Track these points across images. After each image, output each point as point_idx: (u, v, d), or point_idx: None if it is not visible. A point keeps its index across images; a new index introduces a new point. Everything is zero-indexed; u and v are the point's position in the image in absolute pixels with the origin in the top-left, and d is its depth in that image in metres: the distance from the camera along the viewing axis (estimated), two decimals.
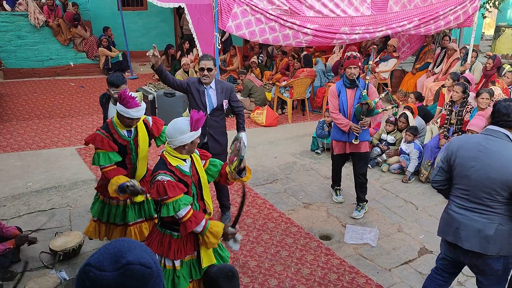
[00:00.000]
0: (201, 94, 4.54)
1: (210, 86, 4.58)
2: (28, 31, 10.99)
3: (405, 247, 4.74)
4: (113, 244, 1.22)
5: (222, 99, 4.62)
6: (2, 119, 8.19)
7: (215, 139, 4.68)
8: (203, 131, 4.57)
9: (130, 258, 1.16)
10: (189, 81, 4.59)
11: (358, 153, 5.17)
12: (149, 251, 1.25)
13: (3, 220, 4.74)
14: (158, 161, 2.99)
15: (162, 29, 12.95)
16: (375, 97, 4.92)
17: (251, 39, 7.37)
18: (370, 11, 7.48)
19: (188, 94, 4.60)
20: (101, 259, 1.17)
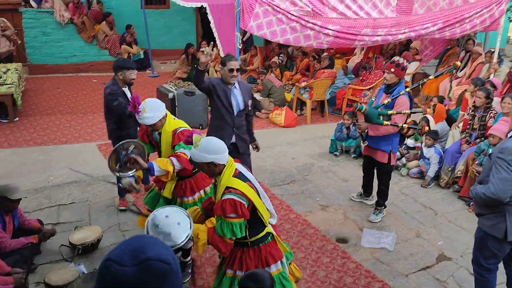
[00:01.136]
0: (228, 95, 4.52)
1: (234, 87, 4.57)
2: (53, 28, 11.20)
3: (423, 253, 4.68)
4: (133, 240, 1.24)
5: (247, 99, 4.64)
6: (27, 113, 8.37)
7: (242, 138, 4.72)
8: (230, 132, 4.62)
9: (150, 254, 1.18)
10: (214, 81, 4.52)
11: (377, 162, 5.12)
12: (169, 247, 1.26)
13: (25, 212, 4.84)
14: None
15: (184, 28, 13.04)
16: (403, 110, 4.65)
17: (272, 39, 7.36)
18: (395, 14, 7.38)
19: (212, 95, 4.54)
20: (122, 254, 1.19)
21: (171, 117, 3.84)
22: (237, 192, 2.81)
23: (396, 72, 4.75)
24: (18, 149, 6.84)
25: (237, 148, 4.69)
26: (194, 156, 2.93)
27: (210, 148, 2.86)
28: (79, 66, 11.62)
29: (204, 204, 3.35)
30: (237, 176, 2.91)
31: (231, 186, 2.83)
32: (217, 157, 2.86)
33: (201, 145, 2.88)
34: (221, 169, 2.91)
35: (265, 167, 6.53)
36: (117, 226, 4.92)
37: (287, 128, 8.18)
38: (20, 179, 5.84)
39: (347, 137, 6.91)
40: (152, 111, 3.60)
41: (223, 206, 2.79)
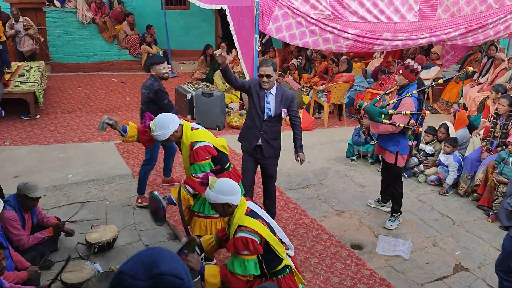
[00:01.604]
0: (261, 99, 4.49)
1: (270, 92, 4.50)
2: (75, 27, 11.40)
3: (439, 262, 4.61)
4: (147, 253, 1.25)
5: (280, 108, 4.53)
6: (48, 111, 8.52)
7: (268, 142, 4.66)
8: (257, 134, 4.61)
9: (163, 269, 1.19)
10: (251, 82, 4.55)
11: (386, 162, 5.12)
12: (182, 262, 1.27)
13: (44, 209, 4.93)
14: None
15: (203, 29, 13.11)
16: (405, 110, 4.63)
17: (291, 42, 7.35)
18: (417, 19, 7.29)
19: (248, 95, 4.58)
20: (135, 267, 1.19)
21: (188, 128, 3.75)
22: (249, 229, 2.90)
23: (405, 74, 4.75)
24: (39, 146, 6.97)
25: (262, 151, 4.66)
26: (209, 197, 3.03)
27: (224, 190, 2.97)
28: (100, 65, 11.78)
29: (218, 234, 3.43)
30: (249, 214, 3.01)
31: (243, 224, 2.93)
32: (231, 198, 2.97)
33: (216, 187, 2.98)
34: (234, 209, 3.01)
35: (281, 170, 6.48)
36: (132, 225, 4.96)
37: (304, 131, 8.08)
38: (40, 176, 5.95)
39: (364, 142, 6.85)
40: (160, 130, 3.60)
41: (236, 244, 2.89)
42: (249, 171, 4.77)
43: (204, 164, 3.66)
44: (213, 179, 3.04)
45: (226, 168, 4.00)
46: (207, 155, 3.65)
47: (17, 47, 10.41)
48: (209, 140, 3.74)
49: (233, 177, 3.93)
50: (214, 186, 2.98)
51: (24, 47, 10.47)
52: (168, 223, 5.02)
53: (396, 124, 4.64)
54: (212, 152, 3.70)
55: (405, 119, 4.70)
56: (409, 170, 6.50)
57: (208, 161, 3.69)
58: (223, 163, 3.97)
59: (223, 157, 3.94)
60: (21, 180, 5.58)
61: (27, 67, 9.21)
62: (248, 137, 4.70)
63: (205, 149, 3.63)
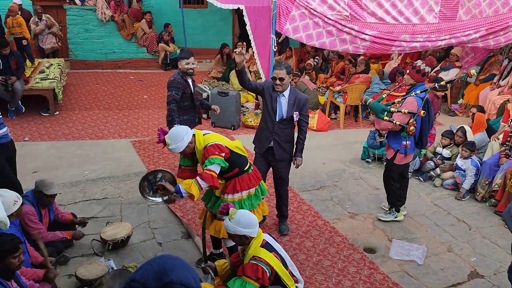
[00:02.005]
0: (273, 101, 4.52)
1: (282, 95, 4.51)
2: (95, 25, 11.55)
3: (454, 268, 4.55)
4: (158, 261, 1.27)
5: (292, 111, 4.52)
6: (67, 108, 8.65)
7: (280, 145, 4.67)
8: (269, 136, 4.62)
9: (173, 278, 1.21)
10: (265, 85, 4.60)
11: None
12: (192, 270, 1.29)
13: (60, 205, 5.02)
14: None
15: (220, 28, 13.14)
16: (405, 109, 4.70)
17: (308, 43, 7.32)
18: (437, 20, 7.17)
19: (262, 97, 4.62)
20: (146, 275, 1.22)
21: (200, 136, 3.76)
22: (262, 260, 3.04)
23: (411, 74, 4.82)
24: (57, 143, 7.09)
25: (274, 154, 4.68)
26: (227, 228, 3.16)
27: (243, 223, 3.10)
28: (118, 62, 11.91)
29: (233, 259, 3.50)
30: (264, 246, 3.13)
31: (257, 255, 3.07)
32: (249, 231, 3.12)
33: (236, 218, 3.11)
34: (250, 240, 3.15)
35: (295, 171, 6.43)
36: (147, 223, 5.01)
37: (319, 132, 8.12)
38: (58, 172, 6.06)
39: (380, 145, 6.78)
40: (175, 143, 3.62)
41: (245, 267, 3.04)
42: (261, 172, 4.76)
43: (214, 158, 3.61)
44: (233, 210, 3.16)
45: (246, 170, 3.95)
46: (217, 150, 3.63)
47: (39, 44, 10.60)
48: (221, 141, 3.75)
49: (253, 180, 3.95)
50: (233, 218, 3.11)
51: (45, 44, 10.65)
52: (182, 221, 5.06)
53: (394, 121, 4.72)
54: (224, 150, 3.68)
55: (405, 118, 4.73)
56: (425, 173, 6.42)
57: (218, 157, 3.62)
58: (241, 165, 3.92)
59: (239, 158, 3.89)
60: (40, 176, 5.71)
61: (47, 64, 9.37)
62: (261, 139, 4.73)
63: (215, 146, 3.64)
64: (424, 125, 4.87)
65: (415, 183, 6.35)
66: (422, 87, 4.81)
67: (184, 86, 5.24)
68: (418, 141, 5.00)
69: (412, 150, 4.99)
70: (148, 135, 7.53)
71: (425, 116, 4.75)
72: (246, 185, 3.93)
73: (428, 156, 6.56)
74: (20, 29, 9.37)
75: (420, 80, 4.84)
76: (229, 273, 3.46)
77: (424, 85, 4.86)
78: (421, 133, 4.92)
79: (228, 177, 3.91)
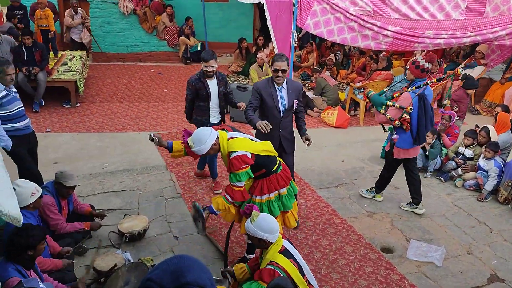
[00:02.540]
0: (274, 97, 4.54)
1: (282, 86, 4.59)
2: (117, 18, 11.65)
3: (473, 271, 4.45)
4: (174, 261, 1.28)
5: (292, 99, 4.62)
6: (88, 100, 8.76)
7: (287, 138, 4.75)
8: (277, 134, 4.62)
9: (189, 279, 1.22)
10: (258, 90, 4.56)
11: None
12: (207, 271, 1.29)
13: (79, 196, 5.10)
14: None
15: (241, 22, 13.09)
16: (398, 104, 4.87)
17: (329, 38, 7.23)
18: (464, 17, 6.98)
19: (263, 100, 4.57)
20: (162, 275, 1.23)
21: (224, 139, 3.69)
22: (279, 266, 3.04)
23: (411, 70, 4.96)
24: (78, 134, 7.19)
25: (284, 149, 4.72)
26: (248, 229, 3.18)
27: (264, 227, 3.11)
28: (139, 55, 12.00)
29: (251, 263, 3.51)
30: (282, 252, 3.13)
31: (274, 261, 3.08)
32: (269, 236, 3.12)
33: (257, 222, 3.13)
34: (269, 245, 3.16)
35: (313, 168, 6.45)
36: (163, 217, 5.05)
37: (339, 128, 8.03)
38: (78, 163, 6.14)
39: None
40: (198, 145, 3.60)
41: (262, 273, 3.04)
42: None
43: (240, 173, 3.61)
44: (256, 213, 3.18)
45: (274, 171, 3.89)
46: (242, 164, 3.59)
47: (71, 37, 10.59)
48: (245, 148, 3.65)
49: (281, 180, 3.90)
50: (255, 220, 3.14)
51: (85, 38, 10.71)
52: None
53: (387, 115, 4.93)
54: (249, 162, 3.61)
55: (397, 113, 4.90)
56: (446, 173, 6.30)
57: (244, 171, 3.61)
58: (268, 166, 3.86)
59: (266, 160, 3.82)
60: (60, 167, 5.80)
61: (70, 56, 9.49)
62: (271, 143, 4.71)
63: (240, 159, 3.58)
64: (420, 121, 4.88)
65: (436, 183, 6.24)
66: (420, 82, 4.88)
67: (198, 87, 5.13)
68: (416, 137, 4.98)
69: (408, 145, 5.04)
70: (167, 129, 7.57)
71: (421, 111, 4.82)
72: (273, 187, 3.89)
73: (449, 155, 6.42)
74: (46, 21, 9.50)
75: (420, 75, 4.89)
76: (248, 277, 3.47)
77: (424, 80, 4.91)
78: (418, 129, 4.92)
79: (256, 177, 3.86)
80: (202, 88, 5.14)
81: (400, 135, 5.02)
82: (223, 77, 5.36)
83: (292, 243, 3.34)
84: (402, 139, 5.01)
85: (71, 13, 10.32)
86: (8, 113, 4.62)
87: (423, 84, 4.86)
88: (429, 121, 4.94)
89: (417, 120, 4.87)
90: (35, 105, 7.98)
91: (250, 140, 3.78)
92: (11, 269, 2.95)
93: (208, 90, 5.16)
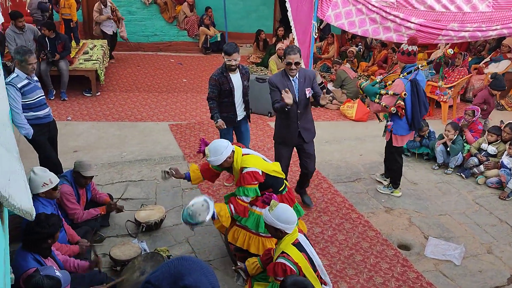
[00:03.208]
0: (290, 89, 4.52)
1: (296, 77, 4.62)
2: (138, 7, 11.71)
3: (493, 271, 4.36)
4: (174, 263, 1.25)
5: (304, 88, 4.61)
6: (108, 89, 8.84)
7: (306, 128, 4.77)
8: (295, 125, 4.66)
9: (187, 282, 1.19)
10: (276, 83, 4.57)
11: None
12: (210, 274, 1.26)
13: (98, 185, 5.16)
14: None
15: (262, 13, 12.99)
16: (391, 91, 4.94)
17: (350, 30, 7.10)
18: (491, 9, 6.76)
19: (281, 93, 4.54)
20: (161, 278, 1.21)
21: (239, 154, 3.83)
22: (290, 259, 3.05)
23: (399, 58, 5.08)
24: (98, 123, 7.26)
25: (303, 139, 4.77)
26: (265, 218, 3.20)
27: (282, 218, 3.12)
28: (159, 45, 12.04)
29: (263, 257, 3.52)
30: (296, 245, 3.15)
31: (286, 252, 3.09)
32: (286, 227, 3.14)
33: (275, 211, 3.14)
34: (285, 235, 3.18)
35: (331, 162, 6.39)
36: (180, 207, 5.06)
37: (358, 122, 7.92)
38: (97, 152, 6.21)
39: (419, 145, 6.53)
40: (214, 155, 3.72)
41: (276, 270, 3.06)
42: (285, 158, 4.87)
43: (249, 188, 3.73)
44: (274, 202, 3.20)
45: (280, 191, 4.00)
46: (254, 180, 3.72)
47: (102, 30, 10.18)
48: (257, 166, 3.78)
49: (285, 201, 3.95)
50: (273, 210, 3.15)
51: (121, 32, 10.58)
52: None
53: (382, 103, 4.99)
54: (259, 179, 3.75)
55: (392, 100, 4.95)
56: (467, 170, 6.16)
57: (253, 187, 3.74)
58: (276, 187, 3.98)
59: (275, 181, 3.96)
60: (80, 156, 5.89)
61: (91, 45, 9.57)
62: (288, 135, 4.76)
63: (252, 174, 3.70)
64: (414, 106, 4.93)
65: (457, 179, 6.11)
66: (411, 67, 4.95)
67: (221, 82, 5.00)
68: (411, 123, 5.06)
69: (406, 132, 5.11)
70: (185, 119, 7.59)
71: (414, 97, 4.87)
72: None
73: (472, 152, 6.27)
74: (69, 10, 9.57)
75: (408, 60, 4.98)
76: (260, 271, 3.48)
77: (415, 65, 4.98)
78: (413, 114, 4.98)
79: (262, 194, 3.93)
80: (225, 82, 5.01)
81: (396, 122, 5.06)
82: (246, 71, 5.24)
83: (308, 238, 3.34)
84: (398, 125, 5.07)
85: (100, 6, 9.97)
86: (29, 101, 4.68)
87: (414, 68, 4.93)
88: (422, 106, 4.99)
89: (411, 105, 4.94)
90: (63, 94, 8.08)
91: (262, 160, 3.94)
92: (30, 259, 2.99)
93: (232, 85, 5.04)
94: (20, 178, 2.76)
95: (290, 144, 4.84)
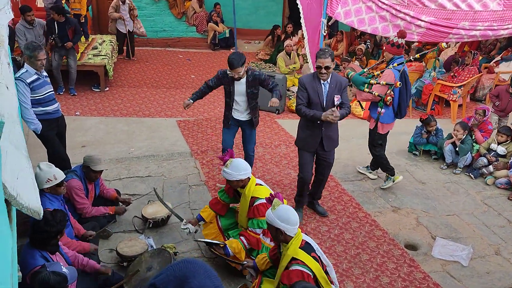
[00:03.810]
0: (320, 93, 4.42)
1: (327, 82, 4.44)
2: (147, 3, 11.72)
3: (501, 273, 4.32)
4: (179, 266, 1.25)
5: (333, 93, 4.45)
6: (116, 84, 8.87)
7: (330, 136, 4.62)
8: (318, 132, 4.54)
9: (193, 285, 1.20)
10: (305, 82, 4.45)
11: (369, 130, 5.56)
12: (214, 276, 1.26)
13: (105, 180, 5.19)
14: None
15: (271, 9, 12.96)
16: (383, 81, 5.05)
17: (360, 28, 7.05)
18: (502, 7, 6.68)
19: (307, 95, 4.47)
20: (166, 281, 1.21)
21: (253, 183, 3.89)
22: (304, 264, 2.99)
23: (388, 50, 5.18)
24: (106, 118, 7.29)
25: (323, 147, 4.62)
26: (267, 217, 3.15)
27: (282, 217, 3.05)
28: (167, 41, 12.04)
29: (271, 252, 3.48)
30: (303, 247, 3.07)
31: (297, 258, 3.01)
32: (286, 227, 3.04)
33: (277, 210, 3.08)
34: (287, 239, 3.09)
35: (339, 160, 6.34)
36: (187, 204, 5.09)
37: (366, 120, 7.86)
38: (105, 147, 6.24)
39: (426, 142, 6.50)
40: (233, 170, 3.79)
41: (291, 277, 2.96)
42: (308, 164, 4.76)
43: (263, 220, 3.73)
44: (277, 201, 3.15)
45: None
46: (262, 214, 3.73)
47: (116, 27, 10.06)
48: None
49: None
50: (275, 209, 3.09)
51: (139, 29, 10.52)
52: None
53: (374, 93, 5.09)
54: None
55: (384, 89, 5.08)
56: (476, 170, 6.11)
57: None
58: None
59: None
60: (88, 151, 5.92)
61: (100, 40, 9.60)
62: (310, 140, 4.63)
63: (266, 206, 3.63)
64: (402, 96, 5.18)
65: (465, 179, 6.07)
66: (400, 59, 5.11)
67: (225, 82, 4.93)
68: (397, 111, 5.29)
69: (391, 120, 5.33)
70: (193, 115, 7.60)
71: (402, 87, 5.09)
72: None
73: (481, 152, 6.22)
74: (79, 5, 9.58)
75: (397, 52, 5.12)
76: (270, 266, 3.46)
77: (402, 57, 5.16)
78: (400, 103, 5.22)
79: None
80: (227, 84, 4.94)
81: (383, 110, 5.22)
82: (254, 77, 4.87)
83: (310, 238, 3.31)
84: (385, 114, 5.21)
85: (118, 2, 9.80)
86: (38, 96, 4.70)
87: (406, 60, 5.15)
88: (409, 96, 5.32)
89: (399, 95, 5.16)
90: (71, 89, 8.11)
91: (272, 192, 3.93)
92: (38, 256, 3.00)
93: (232, 89, 4.91)
94: (28, 176, 2.76)
95: (310, 150, 4.68)
